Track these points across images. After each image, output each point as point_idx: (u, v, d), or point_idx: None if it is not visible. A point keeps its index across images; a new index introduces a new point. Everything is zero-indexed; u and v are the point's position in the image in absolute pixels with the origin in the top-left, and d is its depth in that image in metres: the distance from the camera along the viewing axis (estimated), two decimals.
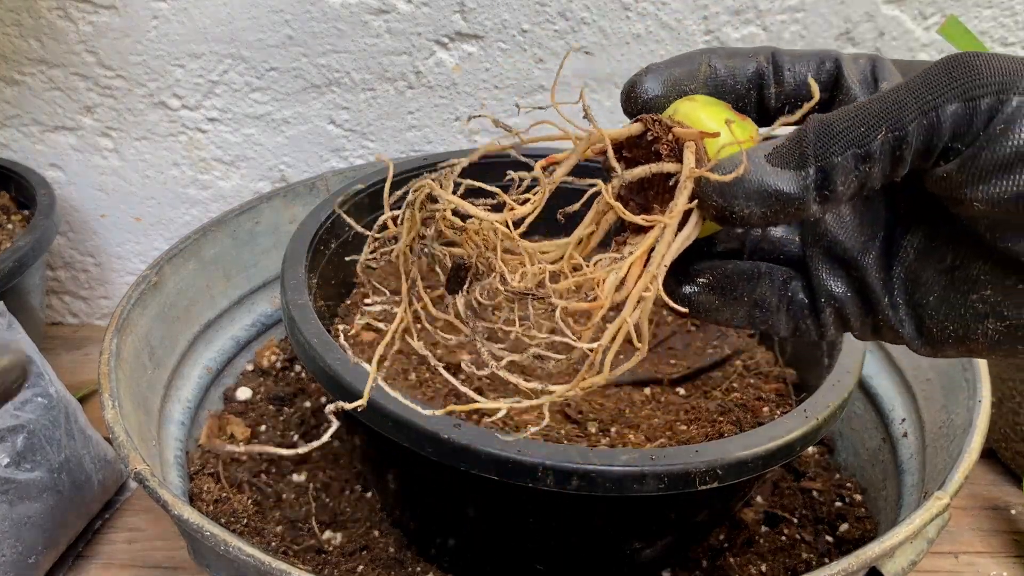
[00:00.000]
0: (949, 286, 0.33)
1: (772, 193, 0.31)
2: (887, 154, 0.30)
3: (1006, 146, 0.29)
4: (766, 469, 0.49)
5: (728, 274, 0.36)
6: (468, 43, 0.86)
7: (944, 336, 0.33)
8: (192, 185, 0.94)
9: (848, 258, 0.35)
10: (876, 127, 0.30)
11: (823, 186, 0.30)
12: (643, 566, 0.61)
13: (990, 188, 0.29)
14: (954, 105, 0.29)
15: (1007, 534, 0.76)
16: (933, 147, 0.30)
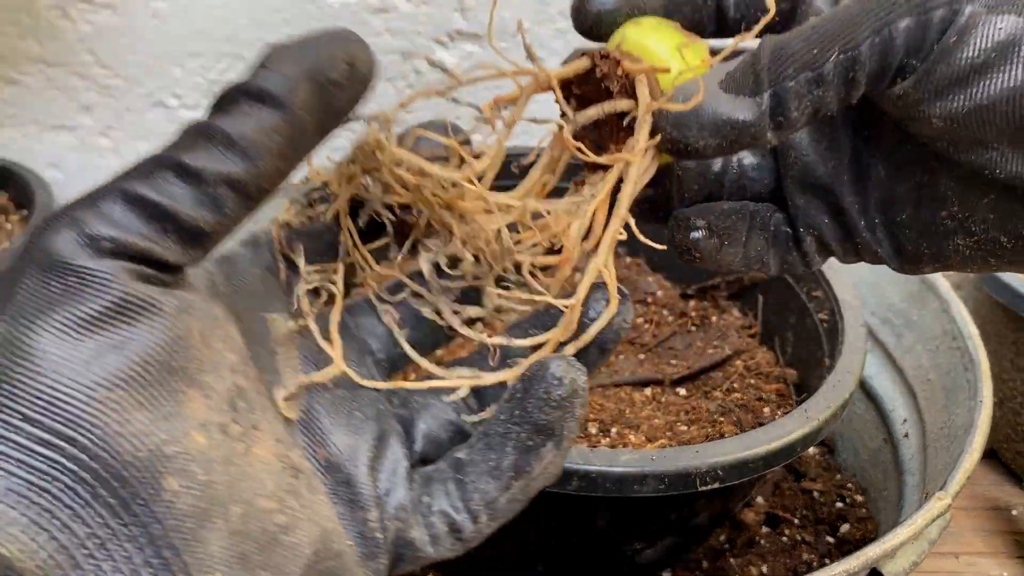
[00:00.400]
0: (919, 204, 0.32)
1: (727, 122, 0.29)
2: (840, 76, 0.29)
3: (960, 58, 0.28)
4: (767, 470, 0.49)
5: (725, 214, 0.35)
6: (468, 42, 0.86)
7: (919, 253, 0.33)
8: None
9: (821, 184, 0.34)
10: (829, 48, 0.28)
11: (777, 111, 0.29)
12: (644, 567, 0.61)
13: (947, 103, 0.28)
14: (907, 20, 0.28)
15: (1008, 534, 0.76)
16: (888, 66, 0.29)
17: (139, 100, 0.90)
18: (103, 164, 0.94)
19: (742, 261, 0.35)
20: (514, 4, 0.84)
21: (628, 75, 0.30)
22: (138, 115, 0.91)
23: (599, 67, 0.31)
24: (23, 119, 0.92)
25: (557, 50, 0.85)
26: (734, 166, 0.36)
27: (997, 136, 0.28)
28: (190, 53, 0.87)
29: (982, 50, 0.27)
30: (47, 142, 0.93)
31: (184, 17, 0.86)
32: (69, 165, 0.94)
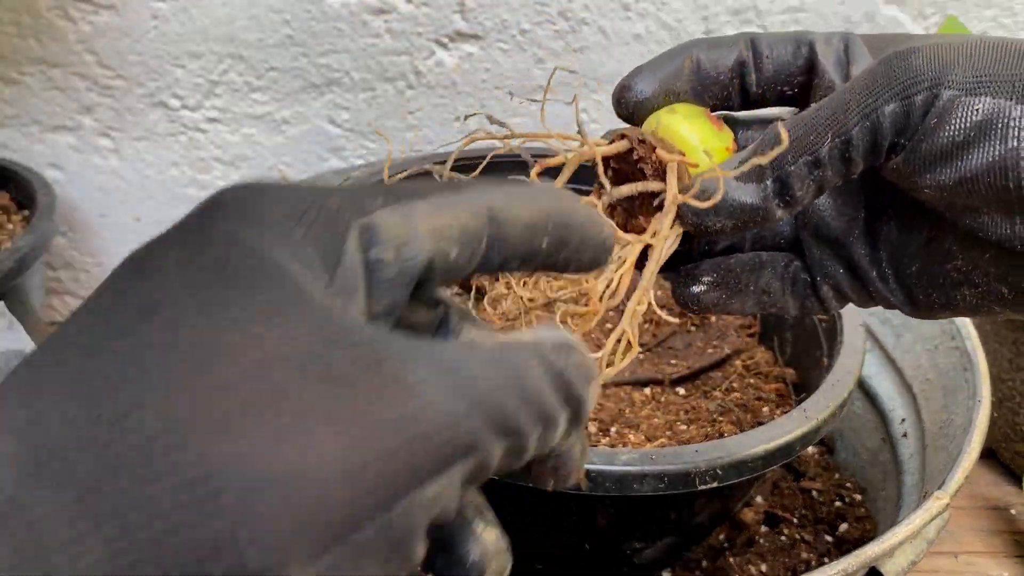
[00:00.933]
0: (928, 258, 0.35)
1: (737, 207, 0.34)
2: (836, 158, 0.32)
3: (942, 137, 0.30)
4: (766, 469, 0.49)
5: (731, 268, 0.38)
6: (468, 43, 0.86)
7: (931, 302, 0.35)
8: (192, 185, 0.94)
9: (835, 238, 0.37)
10: (823, 134, 0.32)
11: (783, 193, 0.33)
12: (643, 566, 0.62)
13: (935, 176, 0.31)
14: (892, 104, 0.31)
15: (1007, 534, 0.76)
16: (879, 146, 0.32)
17: (140, 100, 0.90)
18: (104, 164, 0.94)
19: (755, 307, 0.38)
20: (514, 5, 0.84)
21: (661, 162, 0.35)
22: (139, 115, 0.91)
23: (636, 150, 0.36)
24: (24, 119, 0.92)
25: (556, 51, 0.86)
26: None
27: (984, 203, 0.31)
28: (191, 54, 0.87)
29: (961, 129, 0.30)
30: (48, 142, 0.93)
31: (185, 17, 0.86)
32: (70, 165, 0.94)
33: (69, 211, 0.96)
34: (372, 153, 0.92)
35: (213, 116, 0.90)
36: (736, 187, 0.34)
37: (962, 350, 0.67)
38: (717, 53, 0.37)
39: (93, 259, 1.00)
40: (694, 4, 0.83)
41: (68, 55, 0.88)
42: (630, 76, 0.38)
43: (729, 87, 0.37)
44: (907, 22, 0.84)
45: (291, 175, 0.93)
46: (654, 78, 0.37)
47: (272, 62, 0.88)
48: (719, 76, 0.37)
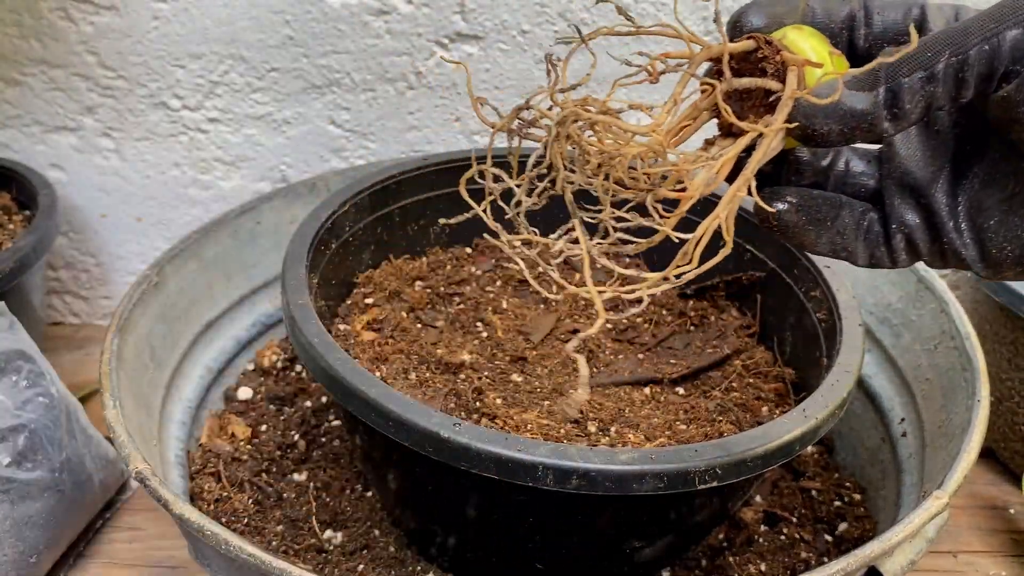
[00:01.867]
0: (1009, 211, 0.36)
1: (847, 111, 0.35)
2: (951, 76, 0.34)
3: None
4: (765, 468, 0.49)
5: (814, 198, 0.40)
6: (468, 44, 0.86)
7: (1003, 257, 0.37)
8: (193, 185, 0.94)
9: (918, 187, 0.38)
10: (941, 52, 0.33)
11: (893, 104, 0.34)
12: (643, 565, 0.62)
13: None
14: (1015, 31, 0.32)
15: (1006, 533, 0.76)
16: (994, 69, 0.33)
17: (141, 101, 0.90)
18: (105, 165, 0.94)
19: (827, 245, 0.40)
20: (514, 6, 0.84)
21: (784, 62, 0.37)
22: (140, 116, 0.91)
23: (762, 49, 0.37)
24: (25, 120, 0.92)
25: (556, 51, 0.86)
26: (841, 165, 0.42)
27: None
28: (192, 54, 0.88)
29: None
30: (49, 143, 0.93)
31: (186, 18, 0.86)
32: (71, 166, 0.94)
33: (70, 211, 0.97)
34: (373, 153, 0.92)
35: (214, 116, 0.91)
36: (849, 94, 0.35)
37: (961, 350, 0.67)
38: (831, 3, 0.39)
39: (94, 259, 1.00)
40: (693, 4, 0.83)
41: (69, 56, 0.88)
42: (746, 7, 0.40)
43: (838, 37, 0.39)
44: None
45: (292, 176, 0.94)
46: (769, 11, 0.39)
47: (273, 63, 0.88)
48: (831, 24, 0.39)
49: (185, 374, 0.75)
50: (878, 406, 0.75)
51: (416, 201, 0.73)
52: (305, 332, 0.54)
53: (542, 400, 0.57)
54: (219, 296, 0.79)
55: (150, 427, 0.66)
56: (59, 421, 0.68)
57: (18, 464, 0.64)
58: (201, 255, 0.77)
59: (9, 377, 0.67)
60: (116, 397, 0.60)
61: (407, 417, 0.48)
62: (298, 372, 0.83)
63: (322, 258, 0.65)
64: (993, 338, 0.80)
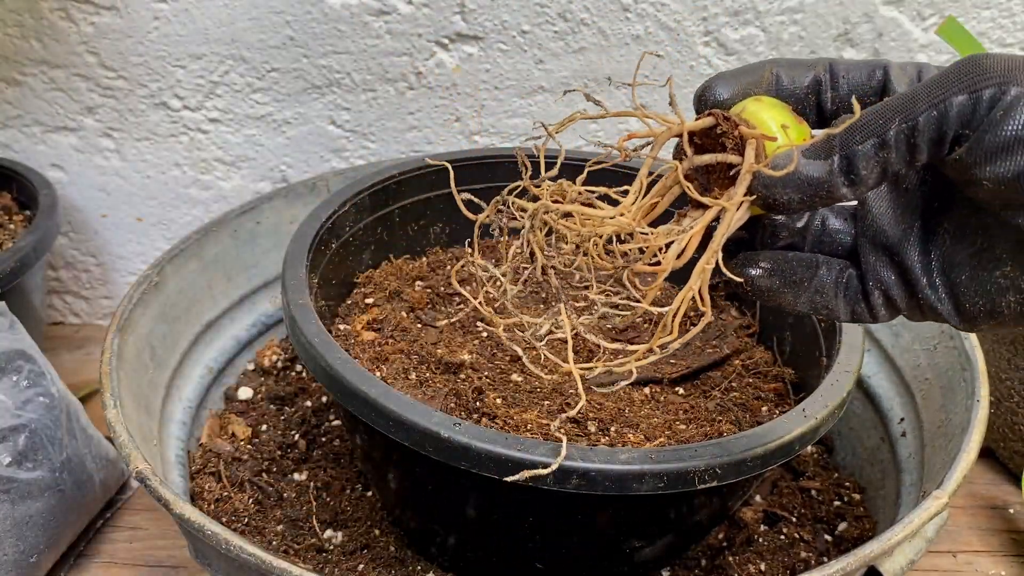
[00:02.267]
0: (978, 265, 0.37)
1: (805, 180, 0.36)
2: (903, 142, 0.35)
3: (1006, 130, 0.33)
4: (765, 468, 0.49)
5: (788, 261, 0.41)
6: (468, 44, 0.86)
7: (976, 311, 0.37)
8: (193, 185, 0.95)
9: (891, 245, 0.39)
10: (892, 119, 0.35)
11: (849, 171, 0.36)
12: (642, 565, 0.62)
13: (995, 168, 0.33)
14: (961, 97, 0.33)
15: (1005, 533, 0.77)
16: (944, 134, 0.34)
17: (142, 101, 0.90)
18: (106, 165, 0.94)
19: (807, 305, 0.41)
20: (514, 6, 0.84)
21: (742, 137, 0.38)
22: (141, 116, 0.91)
23: (721, 125, 0.38)
24: (26, 120, 0.92)
25: (556, 52, 0.86)
26: (818, 225, 0.42)
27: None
28: (192, 54, 0.88)
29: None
30: (50, 143, 0.93)
31: (186, 18, 0.86)
32: (72, 166, 0.94)
33: (71, 211, 0.97)
34: (373, 154, 0.92)
35: (214, 117, 0.91)
36: (806, 163, 0.36)
37: (960, 350, 0.67)
38: (796, 71, 0.40)
39: (94, 259, 1.00)
40: (693, 5, 0.83)
41: (70, 56, 0.88)
42: (712, 79, 0.41)
43: (805, 102, 0.40)
44: (905, 23, 0.84)
45: (292, 176, 0.94)
46: (735, 83, 0.40)
47: (273, 63, 0.88)
48: (796, 91, 0.40)
49: (185, 374, 0.75)
50: (877, 406, 0.75)
51: (416, 201, 0.73)
52: (305, 332, 0.54)
53: (542, 400, 0.57)
54: (219, 296, 0.79)
55: (150, 427, 0.66)
56: (59, 421, 0.68)
57: (19, 464, 0.64)
58: (201, 255, 0.77)
59: (10, 377, 0.67)
60: (116, 397, 0.60)
61: (407, 417, 0.48)
62: (298, 372, 0.83)
63: (322, 258, 0.65)
64: (992, 338, 0.80)
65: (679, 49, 0.85)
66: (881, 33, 0.84)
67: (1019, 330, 0.37)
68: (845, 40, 0.85)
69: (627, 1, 0.84)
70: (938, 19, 0.84)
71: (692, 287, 0.38)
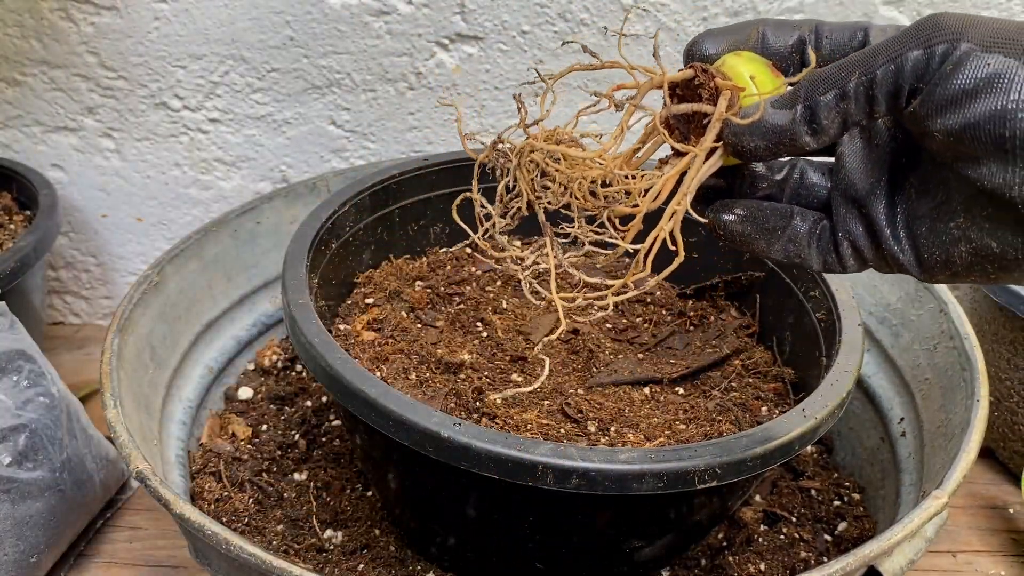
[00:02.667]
0: (936, 218, 0.39)
1: (770, 127, 0.39)
2: (861, 94, 0.37)
3: (954, 83, 0.34)
4: (765, 468, 0.49)
5: (763, 209, 0.43)
6: (468, 44, 0.86)
7: (933, 261, 0.39)
8: (193, 185, 0.95)
9: (860, 197, 0.41)
10: (852, 71, 0.37)
11: (811, 120, 0.38)
12: (642, 564, 0.62)
13: (944, 120, 0.35)
14: (916, 52, 0.35)
15: (1005, 533, 0.77)
16: (900, 87, 0.36)
17: (142, 101, 0.90)
18: (106, 165, 0.94)
19: (780, 252, 0.43)
20: (514, 7, 0.84)
21: (717, 88, 0.40)
22: (141, 116, 0.91)
23: (699, 77, 0.41)
24: (26, 120, 0.92)
25: (556, 52, 0.86)
26: (797, 178, 0.45)
27: (984, 151, 0.34)
28: (192, 55, 0.88)
29: (972, 78, 0.34)
30: (50, 143, 0.93)
31: (186, 19, 0.86)
32: (72, 166, 0.94)
33: (71, 211, 0.97)
34: (373, 154, 0.92)
35: (215, 117, 0.91)
36: (772, 112, 0.39)
37: (960, 350, 0.67)
38: (782, 30, 0.42)
39: (94, 259, 1.00)
40: (693, 5, 0.84)
41: (70, 56, 0.89)
42: (700, 35, 0.43)
43: (789, 60, 0.42)
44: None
45: (292, 176, 0.94)
46: (722, 40, 0.43)
47: (273, 63, 0.88)
48: (781, 49, 0.42)
49: (185, 374, 0.75)
50: (877, 406, 0.75)
51: (416, 201, 0.74)
52: (305, 332, 0.54)
53: (542, 400, 0.57)
54: (219, 296, 0.79)
55: (151, 427, 0.66)
56: (60, 421, 0.68)
57: (19, 464, 0.64)
58: (202, 255, 0.77)
59: (10, 377, 0.67)
60: (116, 397, 0.60)
61: (407, 417, 0.48)
62: (298, 372, 0.83)
63: (322, 258, 0.65)
64: (992, 338, 0.80)
65: (679, 49, 0.85)
66: None
67: (973, 280, 0.39)
68: None
69: (627, 1, 0.84)
70: None
71: (663, 227, 0.40)
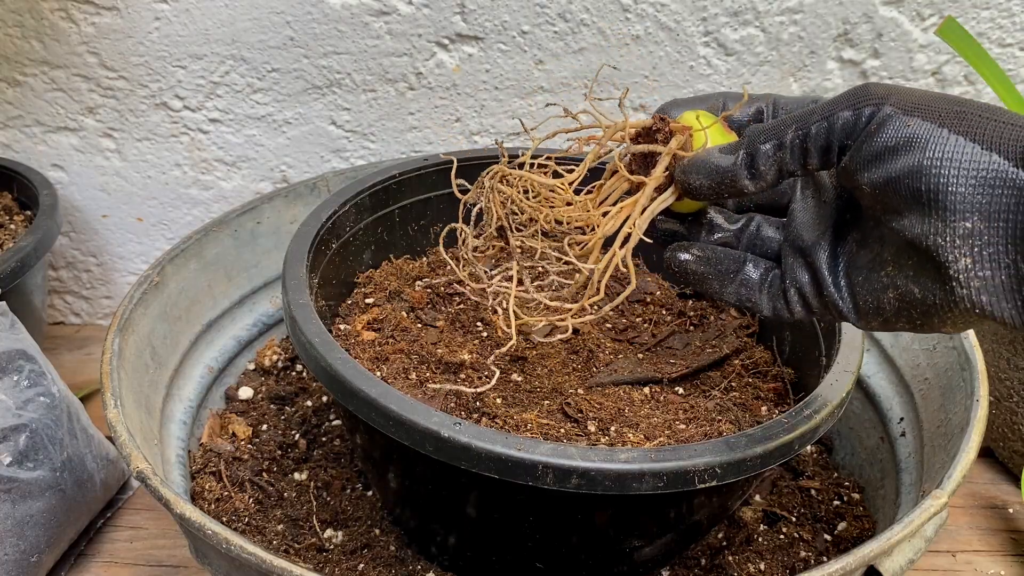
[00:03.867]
0: (871, 268, 0.42)
1: (714, 167, 0.44)
2: (796, 146, 0.42)
3: (877, 141, 0.39)
4: (764, 468, 0.49)
5: (717, 253, 0.48)
6: (468, 44, 0.86)
7: (867, 308, 0.43)
8: (194, 186, 0.95)
9: (806, 248, 0.45)
10: (789, 127, 0.42)
11: (751, 165, 0.43)
12: (642, 564, 0.62)
13: (870, 174, 0.39)
14: (846, 112, 0.40)
15: (1005, 532, 0.77)
16: (830, 143, 0.41)
17: (142, 101, 0.90)
18: (107, 165, 0.94)
19: (733, 296, 0.47)
20: (513, 7, 0.84)
21: (671, 132, 0.46)
22: (141, 116, 0.91)
23: (656, 125, 0.47)
24: (27, 120, 0.92)
25: (556, 52, 0.86)
26: (753, 230, 0.49)
27: (904, 204, 0.38)
28: (193, 55, 0.88)
29: (893, 137, 0.38)
30: (51, 143, 0.93)
31: (187, 19, 0.86)
32: (72, 166, 0.94)
33: (71, 211, 0.97)
34: (373, 154, 0.92)
35: (215, 117, 0.91)
36: (718, 156, 0.44)
37: (960, 349, 0.67)
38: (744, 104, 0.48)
39: (95, 259, 1.00)
40: (693, 5, 0.84)
41: (71, 56, 0.89)
42: (667, 103, 0.49)
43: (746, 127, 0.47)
44: (905, 23, 0.84)
45: (293, 176, 0.94)
46: (686, 107, 0.48)
47: (274, 63, 0.88)
48: (740, 118, 0.48)
49: (186, 374, 0.76)
50: (877, 405, 0.75)
51: (416, 201, 0.74)
52: (306, 331, 0.54)
53: (542, 400, 0.57)
54: (220, 296, 0.79)
55: (151, 426, 0.66)
56: (60, 421, 0.68)
57: (19, 464, 0.64)
58: (202, 255, 0.77)
59: (10, 377, 0.67)
60: (117, 397, 0.60)
61: (407, 416, 0.48)
62: (299, 372, 0.83)
63: (323, 258, 0.65)
64: (992, 338, 0.80)
65: (679, 49, 0.86)
66: (880, 33, 0.84)
67: (902, 328, 0.42)
68: (845, 40, 0.85)
69: (627, 1, 0.84)
70: (937, 19, 0.84)
71: (616, 252, 0.45)
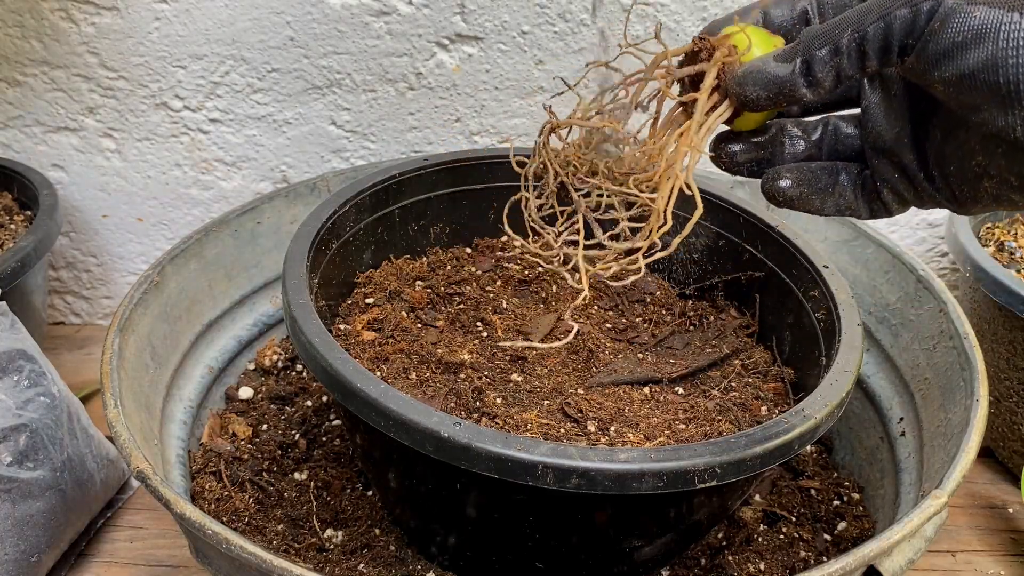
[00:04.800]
0: (961, 158, 0.41)
1: (771, 78, 0.42)
2: (854, 49, 0.40)
3: (944, 37, 0.37)
4: (764, 468, 0.49)
5: (812, 170, 0.47)
6: (468, 44, 0.86)
7: (965, 197, 0.42)
8: (194, 186, 0.95)
9: (888, 148, 0.44)
10: (844, 30, 0.40)
11: (807, 73, 0.41)
12: (642, 564, 0.62)
13: (940, 72, 0.38)
14: (904, 10, 0.38)
15: (1004, 532, 0.77)
16: (889, 43, 0.39)
17: (142, 101, 0.90)
18: (107, 165, 0.94)
19: (833, 208, 0.46)
20: (514, 7, 0.84)
21: (713, 47, 0.45)
22: (141, 116, 0.91)
23: (698, 46, 0.46)
24: (27, 120, 0.92)
25: (556, 52, 0.86)
26: (831, 134, 0.48)
27: (982, 98, 0.37)
28: (193, 55, 0.88)
29: (960, 32, 0.36)
30: (51, 143, 0.93)
31: (187, 19, 0.86)
32: (73, 166, 0.94)
33: (71, 211, 0.97)
34: (373, 154, 0.92)
35: (215, 117, 0.91)
36: (774, 65, 0.42)
37: (959, 349, 0.67)
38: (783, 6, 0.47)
39: (95, 259, 1.00)
40: (693, 5, 0.84)
41: (71, 56, 0.89)
42: (707, 26, 0.48)
43: (794, 31, 0.46)
44: None
45: (293, 176, 0.94)
46: (725, 23, 0.47)
47: (274, 63, 0.88)
48: (784, 23, 0.47)
49: (186, 374, 0.76)
50: (877, 405, 0.75)
51: (416, 201, 0.74)
52: (306, 331, 0.54)
53: (542, 400, 0.57)
54: (220, 296, 0.79)
55: (151, 426, 0.66)
56: (60, 421, 0.68)
57: (19, 463, 0.64)
58: (202, 255, 0.77)
59: (11, 377, 0.67)
60: (117, 397, 0.60)
61: (407, 416, 0.48)
62: (299, 372, 0.83)
63: (323, 258, 0.65)
64: (992, 338, 0.80)
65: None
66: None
67: (1004, 208, 0.42)
68: None
69: (627, 1, 0.84)
70: None
71: (678, 175, 0.45)
